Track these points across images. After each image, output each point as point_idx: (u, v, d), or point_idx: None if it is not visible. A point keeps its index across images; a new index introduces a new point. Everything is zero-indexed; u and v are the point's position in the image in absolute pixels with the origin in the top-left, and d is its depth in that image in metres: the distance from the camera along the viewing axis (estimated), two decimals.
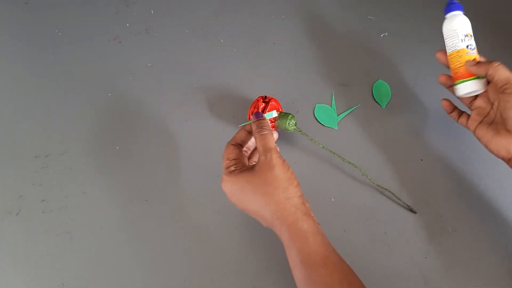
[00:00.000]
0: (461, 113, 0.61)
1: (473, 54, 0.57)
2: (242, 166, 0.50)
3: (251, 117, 0.63)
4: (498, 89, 0.54)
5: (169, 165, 0.65)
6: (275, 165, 0.46)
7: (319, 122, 0.68)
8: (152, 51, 0.77)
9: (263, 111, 0.62)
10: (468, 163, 0.63)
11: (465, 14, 0.59)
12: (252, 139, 0.53)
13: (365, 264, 0.47)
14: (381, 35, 0.77)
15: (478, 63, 0.56)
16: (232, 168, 0.49)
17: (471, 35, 0.59)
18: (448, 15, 0.59)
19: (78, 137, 0.68)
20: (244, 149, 0.53)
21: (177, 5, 0.83)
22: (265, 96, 0.64)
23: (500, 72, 0.53)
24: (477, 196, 0.60)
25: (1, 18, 0.83)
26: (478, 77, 0.56)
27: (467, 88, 0.57)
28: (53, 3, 0.84)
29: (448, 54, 0.59)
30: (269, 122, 0.52)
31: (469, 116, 0.59)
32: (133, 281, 0.57)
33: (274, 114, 0.60)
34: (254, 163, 0.54)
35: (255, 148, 0.55)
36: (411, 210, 0.59)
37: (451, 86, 0.61)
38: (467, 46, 0.58)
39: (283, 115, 0.62)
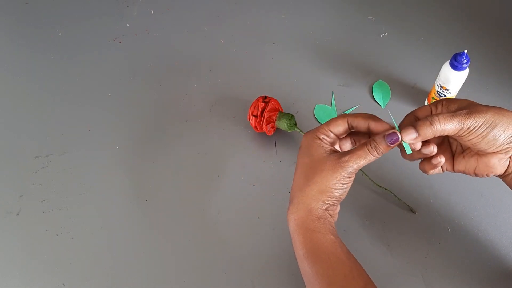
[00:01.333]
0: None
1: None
2: (330, 144, 0.47)
3: (250, 117, 0.63)
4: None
5: (169, 165, 0.65)
6: (339, 174, 0.45)
7: (319, 122, 0.68)
8: (152, 51, 0.77)
9: (263, 111, 0.62)
10: None
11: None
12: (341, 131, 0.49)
13: (365, 264, 0.47)
14: (381, 35, 0.77)
15: (417, 125, 0.43)
16: (322, 137, 0.47)
17: (446, 89, 0.61)
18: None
19: (78, 137, 0.68)
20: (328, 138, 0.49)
21: (177, 5, 0.83)
22: (265, 96, 0.64)
23: (447, 128, 0.42)
24: (477, 196, 0.60)
25: (1, 18, 0.83)
26: None
27: (408, 150, 0.45)
28: (53, 3, 0.85)
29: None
30: (386, 150, 0.45)
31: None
32: (133, 281, 0.57)
33: (408, 150, 0.45)
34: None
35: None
36: (411, 210, 0.59)
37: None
38: (437, 92, 0.62)
39: (283, 115, 0.63)
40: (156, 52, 0.77)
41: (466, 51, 0.57)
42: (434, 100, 0.64)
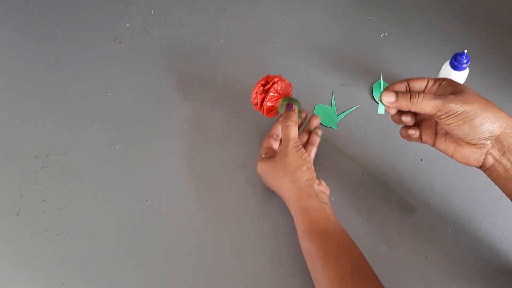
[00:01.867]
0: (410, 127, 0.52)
1: None
2: (272, 153, 0.59)
3: (253, 100, 0.60)
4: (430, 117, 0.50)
5: (169, 165, 0.65)
6: (288, 153, 0.55)
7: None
8: (152, 51, 0.77)
9: (262, 101, 0.59)
10: None
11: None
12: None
13: None
14: (381, 35, 0.77)
15: (399, 93, 0.48)
16: (263, 156, 0.59)
17: None
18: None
19: (78, 137, 0.68)
20: (275, 136, 0.62)
21: (177, 5, 0.83)
22: (267, 81, 0.59)
23: (423, 106, 0.45)
24: (477, 196, 0.60)
25: (1, 18, 0.83)
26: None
27: (380, 110, 0.50)
28: (53, 3, 0.85)
29: None
30: (295, 114, 0.58)
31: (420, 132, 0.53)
32: (133, 281, 0.57)
33: (381, 110, 0.51)
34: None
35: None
36: (410, 207, 0.59)
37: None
38: None
39: (285, 103, 0.59)
40: (156, 52, 0.77)
41: (466, 51, 0.57)
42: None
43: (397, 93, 0.48)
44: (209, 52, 0.76)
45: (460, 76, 0.59)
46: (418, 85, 0.49)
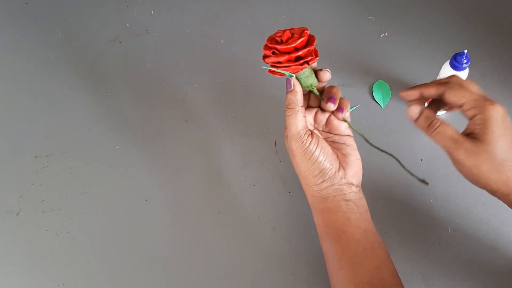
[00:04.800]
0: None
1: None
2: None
3: (267, 52, 0.48)
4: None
5: (169, 165, 0.65)
6: (295, 155, 0.47)
7: None
8: (152, 51, 0.77)
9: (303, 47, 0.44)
10: None
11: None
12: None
13: None
14: (381, 35, 0.77)
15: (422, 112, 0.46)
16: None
17: None
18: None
19: (78, 137, 0.68)
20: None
21: (177, 5, 0.83)
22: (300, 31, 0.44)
23: (436, 138, 0.44)
24: (477, 196, 0.60)
25: (1, 18, 0.83)
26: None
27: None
28: (53, 3, 0.85)
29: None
30: (297, 94, 0.46)
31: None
32: (133, 281, 0.57)
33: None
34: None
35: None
36: (423, 181, 0.51)
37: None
38: None
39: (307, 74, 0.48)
40: (156, 52, 0.77)
41: (466, 51, 0.57)
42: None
43: (423, 109, 0.45)
44: (209, 52, 0.76)
45: (460, 76, 0.59)
46: (430, 94, 0.45)
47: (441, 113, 0.65)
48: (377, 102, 0.69)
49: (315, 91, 0.50)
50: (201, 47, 0.77)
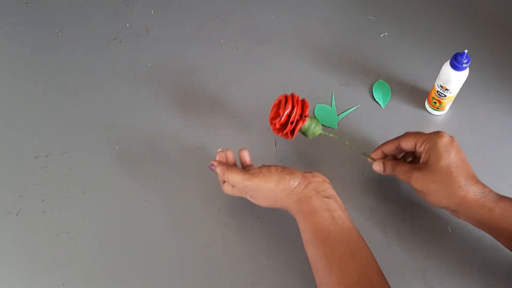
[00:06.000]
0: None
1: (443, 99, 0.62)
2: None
3: (272, 121, 0.58)
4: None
5: (169, 165, 0.65)
6: (255, 189, 0.52)
7: None
8: (152, 51, 0.77)
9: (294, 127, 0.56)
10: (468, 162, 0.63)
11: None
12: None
13: None
14: (381, 35, 0.77)
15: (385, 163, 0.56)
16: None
17: (446, 89, 0.61)
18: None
19: (78, 137, 0.68)
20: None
21: (177, 5, 0.83)
22: (291, 95, 0.57)
23: (398, 175, 0.54)
24: None
25: (1, 18, 0.84)
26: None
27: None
28: (53, 3, 0.85)
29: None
30: (220, 171, 0.55)
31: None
32: (133, 281, 0.57)
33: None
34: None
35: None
36: (365, 155, 0.59)
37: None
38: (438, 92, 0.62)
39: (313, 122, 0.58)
40: (156, 52, 0.77)
41: (466, 51, 0.57)
42: (434, 100, 0.64)
43: (383, 162, 0.56)
44: (209, 52, 0.76)
45: (460, 76, 0.59)
46: (407, 146, 0.53)
47: None
48: (377, 102, 0.69)
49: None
50: (201, 47, 0.77)
